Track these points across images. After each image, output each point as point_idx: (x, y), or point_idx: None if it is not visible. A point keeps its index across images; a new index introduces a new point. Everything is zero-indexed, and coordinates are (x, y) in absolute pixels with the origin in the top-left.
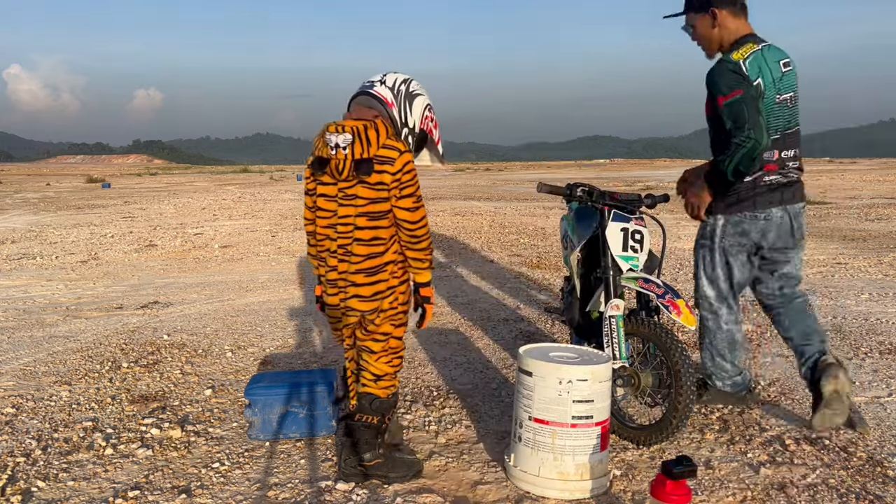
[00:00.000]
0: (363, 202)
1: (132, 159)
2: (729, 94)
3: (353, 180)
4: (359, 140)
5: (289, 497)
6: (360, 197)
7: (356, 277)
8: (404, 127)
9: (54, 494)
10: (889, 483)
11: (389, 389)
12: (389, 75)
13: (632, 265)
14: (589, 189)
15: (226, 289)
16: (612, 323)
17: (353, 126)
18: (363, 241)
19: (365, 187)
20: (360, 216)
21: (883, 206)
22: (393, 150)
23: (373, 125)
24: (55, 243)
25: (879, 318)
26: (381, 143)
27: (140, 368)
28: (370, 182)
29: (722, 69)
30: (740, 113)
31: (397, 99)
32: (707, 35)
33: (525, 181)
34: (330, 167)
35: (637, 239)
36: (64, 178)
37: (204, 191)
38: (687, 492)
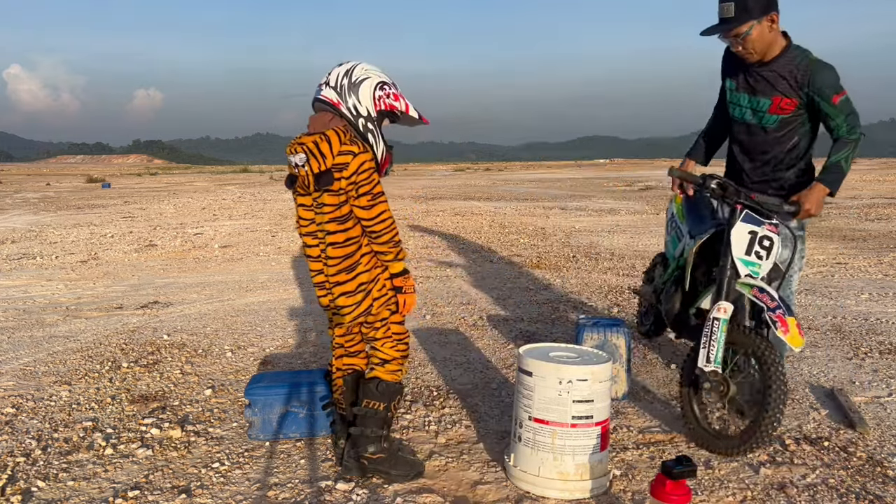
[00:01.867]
0: (330, 209)
1: (132, 159)
2: (842, 92)
3: (320, 191)
4: (312, 156)
5: (289, 497)
6: (326, 204)
7: (338, 277)
8: (359, 118)
9: (54, 494)
10: (889, 483)
11: (396, 375)
12: (333, 71)
13: (752, 271)
14: (724, 183)
15: (226, 289)
16: (714, 325)
17: (306, 143)
18: (337, 244)
19: (329, 195)
20: (330, 222)
21: (883, 206)
22: (347, 154)
23: (323, 137)
24: (55, 243)
25: (879, 318)
26: (335, 152)
27: (140, 368)
28: (333, 189)
29: (828, 69)
30: (854, 111)
31: (341, 95)
32: (765, 39)
33: (525, 181)
34: (298, 183)
35: (765, 245)
36: (64, 178)
37: (204, 191)
38: (687, 492)
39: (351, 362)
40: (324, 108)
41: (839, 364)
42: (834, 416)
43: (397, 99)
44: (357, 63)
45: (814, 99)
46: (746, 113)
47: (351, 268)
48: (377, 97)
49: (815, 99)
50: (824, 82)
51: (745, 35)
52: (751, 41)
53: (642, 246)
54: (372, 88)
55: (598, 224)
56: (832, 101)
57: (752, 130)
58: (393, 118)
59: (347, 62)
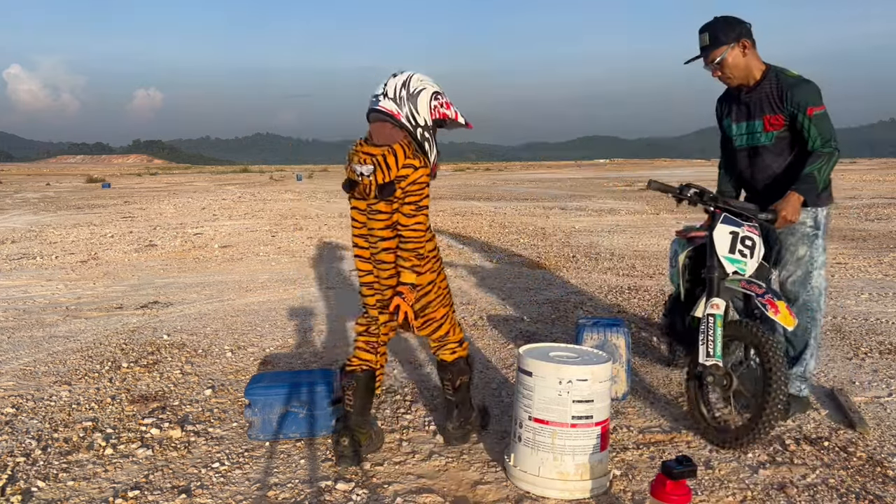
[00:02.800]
0: (385, 216)
1: (132, 159)
2: (818, 106)
3: (377, 200)
4: (379, 169)
5: (289, 497)
6: (381, 212)
7: (391, 281)
8: (417, 127)
9: (54, 494)
10: (889, 483)
11: (468, 349)
12: (390, 82)
13: (738, 268)
14: (701, 191)
15: (226, 289)
16: (709, 321)
17: (375, 154)
18: (390, 250)
19: (385, 203)
20: (385, 229)
21: (883, 206)
22: (409, 168)
23: (391, 151)
24: (55, 243)
25: (879, 318)
26: (399, 165)
27: (140, 368)
28: (390, 199)
29: (804, 83)
30: (828, 125)
31: (401, 106)
32: (739, 64)
33: (525, 181)
34: (358, 189)
35: (747, 245)
36: (64, 178)
37: (204, 191)
38: (687, 492)
39: (367, 358)
40: (382, 119)
41: (839, 364)
42: (834, 416)
43: (448, 108)
44: (411, 73)
45: (794, 113)
46: (745, 139)
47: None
48: (433, 107)
49: (795, 113)
50: (802, 97)
51: (721, 60)
52: (727, 66)
53: (642, 246)
54: (428, 99)
55: (598, 224)
56: (808, 114)
57: (752, 153)
58: (442, 125)
59: (402, 73)
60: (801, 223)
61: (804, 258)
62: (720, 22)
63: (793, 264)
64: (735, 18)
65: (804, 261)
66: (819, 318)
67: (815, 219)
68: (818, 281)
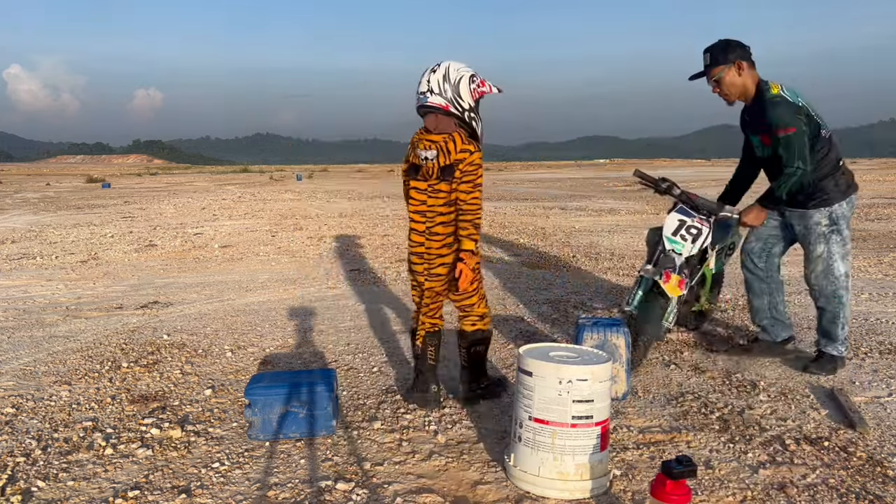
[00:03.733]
0: (444, 194)
1: (132, 159)
2: (787, 129)
3: (438, 180)
4: (442, 153)
5: (289, 497)
6: (442, 191)
7: (441, 250)
8: (465, 111)
9: (54, 494)
10: (889, 483)
11: (489, 325)
12: (432, 78)
13: (675, 248)
14: (671, 184)
15: (226, 289)
16: (639, 279)
17: (437, 141)
18: (445, 223)
19: (446, 183)
20: (444, 205)
21: (883, 206)
22: (465, 152)
23: (451, 138)
24: (55, 243)
25: (879, 318)
26: (458, 149)
27: (140, 368)
28: (450, 179)
29: (780, 105)
30: (792, 146)
31: (447, 98)
32: (734, 83)
33: (525, 181)
34: (422, 172)
35: (691, 233)
36: (64, 178)
37: (204, 191)
38: (687, 492)
39: (434, 321)
40: (433, 112)
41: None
42: (834, 416)
43: (483, 84)
44: (447, 64)
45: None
46: (757, 149)
47: (451, 244)
48: (472, 89)
49: (773, 131)
50: (774, 119)
51: (718, 78)
52: (724, 83)
53: (642, 246)
54: (468, 84)
55: (598, 224)
56: (777, 135)
57: (764, 161)
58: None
59: (439, 66)
60: (817, 223)
61: (822, 255)
62: (721, 44)
63: (812, 261)
64: (735, 41)
65: (822, 257)
66: (847, 300)
67: (830, 216)
68: (840, 269)
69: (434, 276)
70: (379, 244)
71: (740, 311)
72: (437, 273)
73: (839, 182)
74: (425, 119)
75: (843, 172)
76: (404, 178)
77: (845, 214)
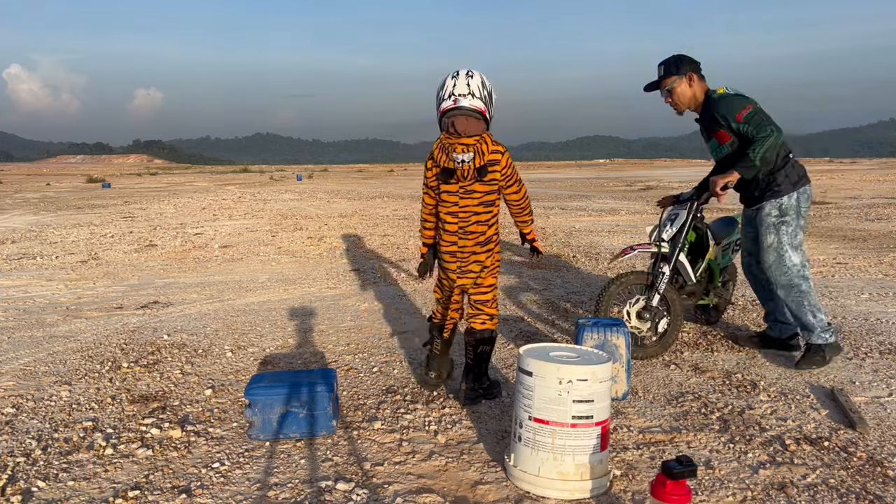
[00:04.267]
0: (479, 194)
1: (132, 159)
2: (743, 110)
3: (473, 181)
4: (478, 154)
5: (289, 497)
6: (477, 191)
7: (475, 248)
8: (492, 119)
9: (54, 494)
10: (889, 483)
11: (496, 326)
12: (471, 83)
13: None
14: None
15: (226, 289)
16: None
17: (472, 144)
18: (480, 222)
19: (481, 184)
20: (479, 205)
21: (883, 206)
22: (497, 153)
23: (482, 140)
24: (55, 243)
25: (879, 318)
26: (489, 150)
27: (140, 368)
28: (485, 180)
29: (724, 98)
30: (758, 118)
31: (485, 103)
32: (685, 93)
33: (525, 181)
34: (456, 174)
35: (671, 218)
36: (64, 178)
37: (204, 191)
38: (687, 492)
39: (455, 316)
40: (468, 115)
41: (839, 364)
42: (834, 416)
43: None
44: (477, 72)
45: (729, 125)
46: (714, 152)
47: (484, 242)
48: (494, 101)
49: (729, 123)
50: (726, 110)
51: (671, 87)
52: (675, 94)
53: None
54: (495, 96)
55: (598, 224)
56: (737, 120)
57: (723, 163)
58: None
59: (471, 72)
60: (767, 214)
61: (773, 245)
62: (673, 58)
63: (764, 252)
64: (687, 57)
65: (773, 247)
66: (807, 288)
67: (780, 207)
68: (792, 259)
69: (467, 274)
70: (379, 244)
71: (740, 310)
72: (469, 270)
73: (790, 174)
74: (455, 122)
75: (793, 165)
76: (432, 182)
77: (794, 206)
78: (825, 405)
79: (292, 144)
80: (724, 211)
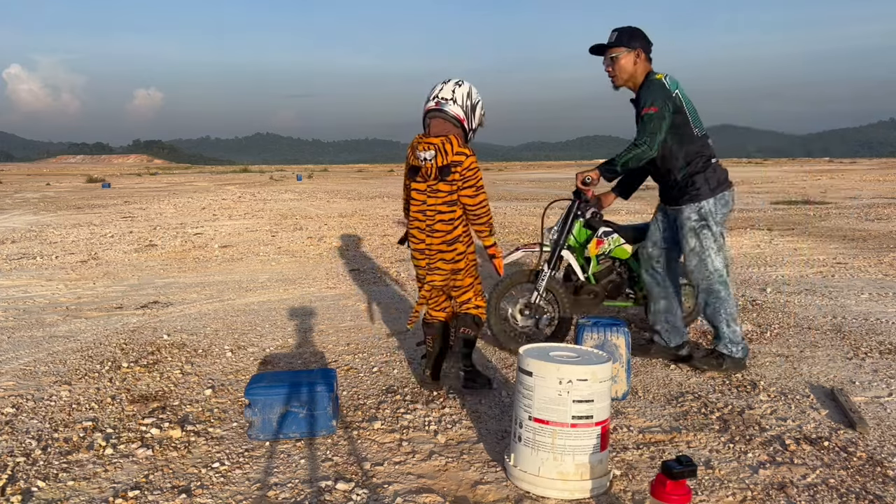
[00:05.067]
0: (443, 194)
1: (132, 159)
2: (650, 107)
3: (436, 180)
4: (440, 153)
5: (289, 497)
6: (441, 190)
7: (441, 247)
8: (471, 131)
9: (54, 494)
10: (889, 483)
11: (483, 313)
12: (457, 91)
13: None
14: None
15: (226, 289)
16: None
17: (435, 143)
18: (444, 221)
19: (444, 183)
20: (443, 204)
21: (883, 206)
22: (461, 155)
23: (448, 140)
24: (55, 243)
25: (879, 318)
26: (454, 152)
27: (140, 368)
28: (448, 180)
29: (653, 86)
30: (650, 125)
31: (466, 113)
32: (626, 67)
33: (525, 181)
34: (421, 173)
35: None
36: (64, 178)
37: (204, 191)
38: (687, 492)
39: (437, 315)
40: (445, 118)
41: (839, 364)
42: (834, 416)
43: (484, 115)
44: (469, 84)
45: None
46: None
47: (450, 241)
48: (479, 115)
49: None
50: (643, 97)
51: (615, 56)
52: (618, 65)
53: None
54: (480, 109)
55: None
56: (641, 112)
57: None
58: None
59: (462, 82)
60: (687, 218)
61: (695, 249)
62: (629, 29)
63: (688, 256)
64: (642, 32)
65: (695, 251)
66: (725, 295)
67: (699, 212)
68: (714, 264)
69: (434, 271)
70: (379, 244)
71: (740, 310)
72: (437, 268)
73: (709, 179)
74: (432, 123)
75: (714, 169)
76: (405, 180)
77: (713, 211)
78: (825, 405)
79: (292, 144)
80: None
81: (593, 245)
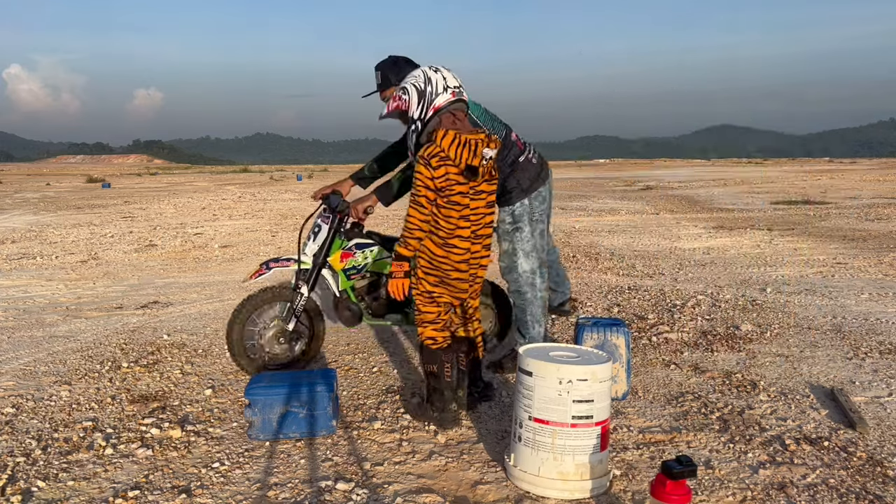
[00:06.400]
0: (485, 194)
1: (132, 159)
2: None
3: (481, 180)
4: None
5: (289, 497)
6: (484, 191)
7: (482, 252)
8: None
9: (54, 494)
10: (889, 483)
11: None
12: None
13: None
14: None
15: (226, 289)
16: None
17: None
18: (490, 224)
19: (487, 183)
20: (487, 206)
21: (883, 206)
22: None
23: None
24: (55, 243)
25: (879, 318)
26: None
27: (140, 368)
28: (493, 179)
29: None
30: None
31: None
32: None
33: None
34: (479, 172)
35: (314, 231)
36: (64, 178)
37: (204, 191)
38: (687, 492)
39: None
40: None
41: (839, 364)
42: (834, 416)
43: None
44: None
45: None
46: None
47: (488, 246)
48: None
49: None
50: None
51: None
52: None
53: (642, 246)
54: None
55: (598, 224)
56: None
57: None
58: None
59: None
60: (502, 221)
61: (508, 251)
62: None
63: (500, 257)
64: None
65: (508, 253)
66: (531, 297)
67: (513, 214)
68: (523, 266)
69: (477, 281)
70: None
71: (740, 311)
72: (479, 276)
73: (521, 180)
74: (458, 115)
75: (523, 169)
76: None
77: (528, 211)
78: (825, 405)
79: (292, 144)
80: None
81: (337, 258)
